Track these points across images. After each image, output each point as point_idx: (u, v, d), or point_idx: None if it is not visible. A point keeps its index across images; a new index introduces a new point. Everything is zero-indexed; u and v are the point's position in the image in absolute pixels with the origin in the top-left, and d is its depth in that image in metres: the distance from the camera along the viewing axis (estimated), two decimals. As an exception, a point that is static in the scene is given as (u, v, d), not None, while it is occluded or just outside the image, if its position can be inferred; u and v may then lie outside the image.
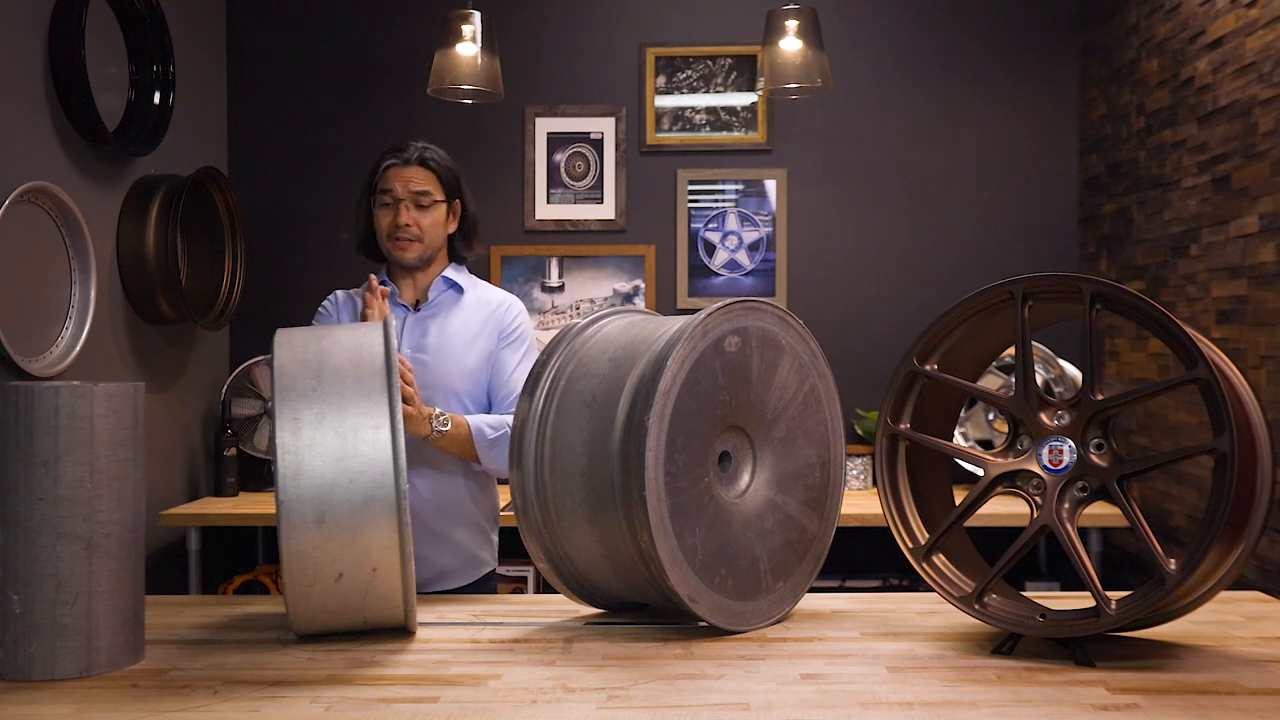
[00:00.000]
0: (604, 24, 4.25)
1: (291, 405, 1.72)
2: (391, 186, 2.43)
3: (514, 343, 2.49)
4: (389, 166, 2.44)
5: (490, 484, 2.56)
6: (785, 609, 1.93)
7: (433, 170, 2.45)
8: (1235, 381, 1.71)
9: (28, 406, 1.58)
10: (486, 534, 2.56)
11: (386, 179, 2.44)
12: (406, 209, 2.42)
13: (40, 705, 1.50)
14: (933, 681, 1.58)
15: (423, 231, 2.44)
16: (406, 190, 2.42)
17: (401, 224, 2.42)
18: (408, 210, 2.42)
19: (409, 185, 2.43)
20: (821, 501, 1.98)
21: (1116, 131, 3.84)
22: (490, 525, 2.57)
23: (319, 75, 4.27)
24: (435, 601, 2.11)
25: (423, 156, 2.45)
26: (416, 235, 2.43)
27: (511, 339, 2.49)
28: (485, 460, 2.37)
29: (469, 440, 2.35)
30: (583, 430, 1.84)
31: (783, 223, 4.21)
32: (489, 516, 2.56)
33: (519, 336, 2.50)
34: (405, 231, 2.42)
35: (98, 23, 3.36)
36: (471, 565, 2.51)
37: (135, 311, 3.59)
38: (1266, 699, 1.50)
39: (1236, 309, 2.98)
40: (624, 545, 1.80)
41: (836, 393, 1.99)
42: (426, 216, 2.44)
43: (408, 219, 2.42)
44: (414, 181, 2.43)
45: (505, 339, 2.48)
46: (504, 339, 2.48)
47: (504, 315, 2.50)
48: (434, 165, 2.46)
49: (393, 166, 2.44)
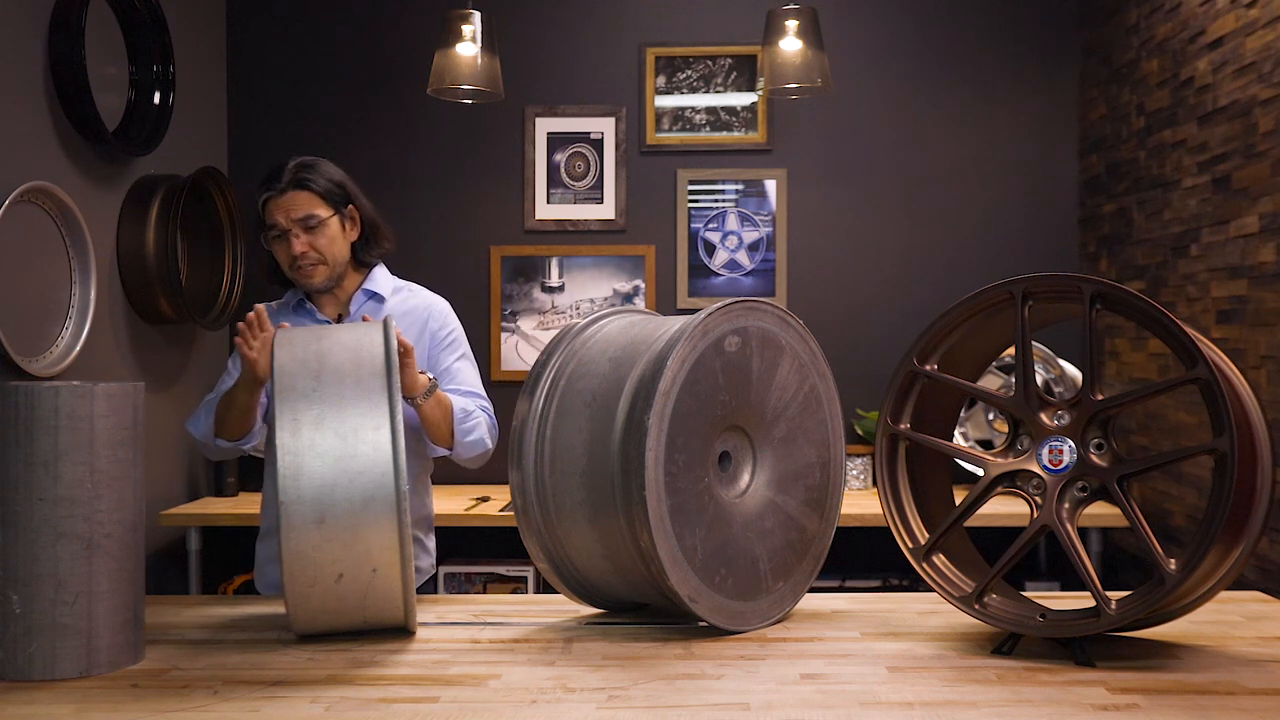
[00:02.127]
0: (604, 24, 4.25)
1: (291, 406, 1.72)
2: (275, 220, 2.36)
3: (450, 345, 2.47)
4: (266, 200, 2.37)
5: (426, 490, 2.54)
6: (785, 609, 1.93)
7: (311, 190, 2.36)
8: (1235, 381, 1.71)
9: (28, 406, 1.58)
10: (423, 543, 2.54)
11: (269, 213, 2.37)
12: (297, 238, 2.35)
13: (40, 705, 1.50)
14: (933, 681, 1.58)
15: (321, 252, 2.37)
16: (289, 219, 2.35)
17: (297, 254, 2.35)
18: (298, 238, 2.35)
19: (290, 214, 2.35)
20: (821, 501, 1.98)
21: (1116, 131, 3.84)
22: (425, 533, 2.54)
23: (319, 75, 4.27)
24: (435, 601, 2.11)
25: (297, 179, 2.36)
26: (317, 259, 2.37)
27: (446, 342, 2.46)
28: (459, 436, 2.35)
29: (450, 411, 2.33)
30: (583, 430, 1.84)
31: (783, 223, 4.21)
32: (424, 525, 2.53)
33: (453, 339, 2.48)
34: (304, 259, 2.36)
35: (98, 23, 3.36)
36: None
37: (135, 311, 3.59)
38: (1266, 699, 1.50)
39: (1236, 309, 2.98)
40: (624, 545, 1.80)
41: (836, 393, 2.00)
42: (321, 237, 2.37)
43: (301, 247, 2.35)
44: (295, 209, 2.35)
45: (438, 345, 2.46)
46: (436, 345, 2.46)
47: (432, 320, 2.47)
48: (311, 185, 2.36)
49: (269, 199, 2.37)
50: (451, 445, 2.36)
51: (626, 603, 2.00)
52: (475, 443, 2.37)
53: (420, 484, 2.49)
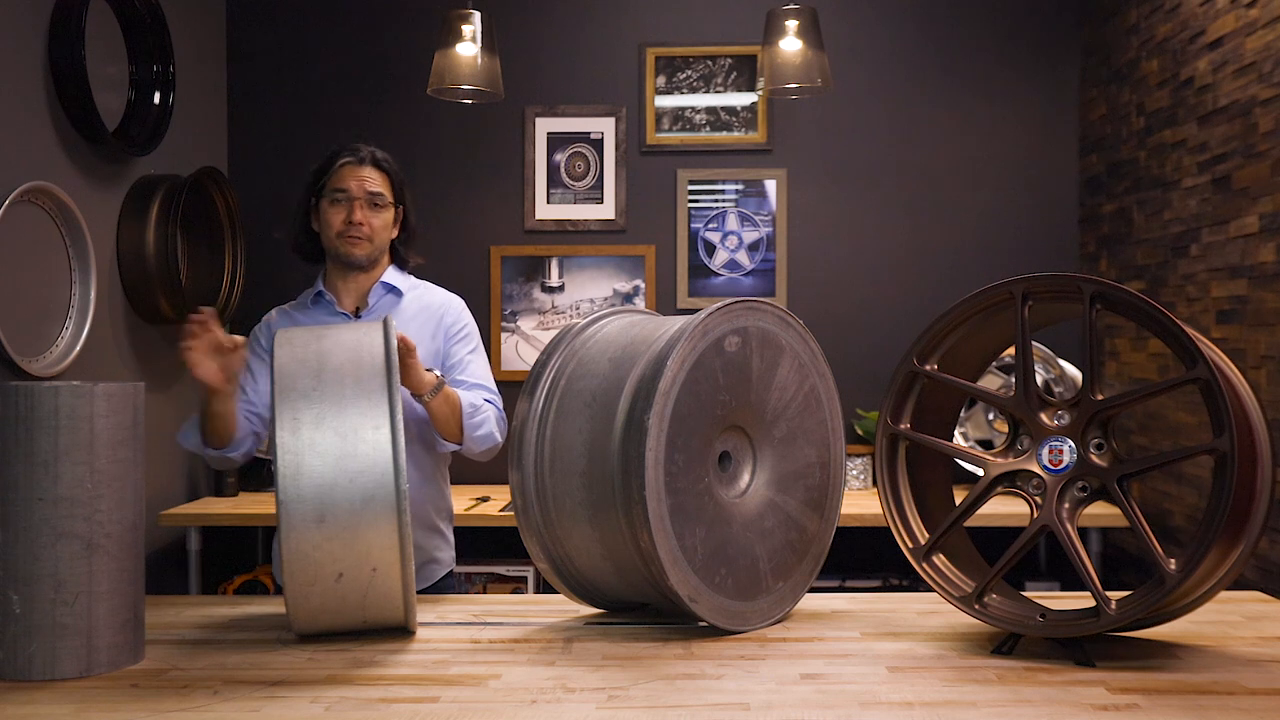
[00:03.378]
0: (604, 24, 4.25)
1: (291, 405, 1.72)
2: (346, 185, 2.41)
3: (463, 339, 2.49)
4: (344, 164, 2.43)
5: (445, 481, 2.55)
6: (785, 609, 1.93)
7: (386, 172, 2.45)
8: (1235, 381, 1.71)
9: (28, 406, 1.58)
10: (444, 534, 2.55)
11: (341, 177, 2.42)
12: (360, 207, 2.41)
13: (40, 705, 1.50)
14: (933, 681, 1.58)
15: (373, 231, 2.42)
16: (362, 189, 2.41)
17: (354, 220, 2.40)
18: (361, 209, 2.41)
19: (364, 185, 2.41)
20: (821, 502, 1.97)
21: (1116, 131, 3.84)
22: (446, 524, 2.56)
23: (319, 75, 4.27)
24: (435, 601, 2.11)
25: (376, 158, 2.45)
26: (367, 235, 2.42)
27: (459, 336, 2.48)
28: (468, 431, 2.35)
29: (459, 408, 2.34)
30: (583, 430, 1.84)
31: (783, 223, 4.21)
32: (444, 515, 2.55)
33: (466, 333, 2.50)
34: (357, 229, 2.41)
35: (98, 23, 3.36)
36: (430, 566, 2.51)
37: (135, 311, 3.59)
38: (1266, 699, 1.50)
39: (1236, 309, 2.98)
40: (624, 545, 1.80)
41: (836, 392, 2.00)
42: (378, 217, 2.43)
43: (360, 217, 2.40)
44: (369, 181, 2.42)
45: (452, 338, 2.48)
46: (451, 338, 2.47)
47: (446, 316, 2.49)
48: (387, 167, 2.46)
49: (348, 165, 2.42)
50: (461, 440, 2.37)
51: (627, 603, 2.00)
52: (484, 437, 2.38)
53: (440, 476, 2.52)
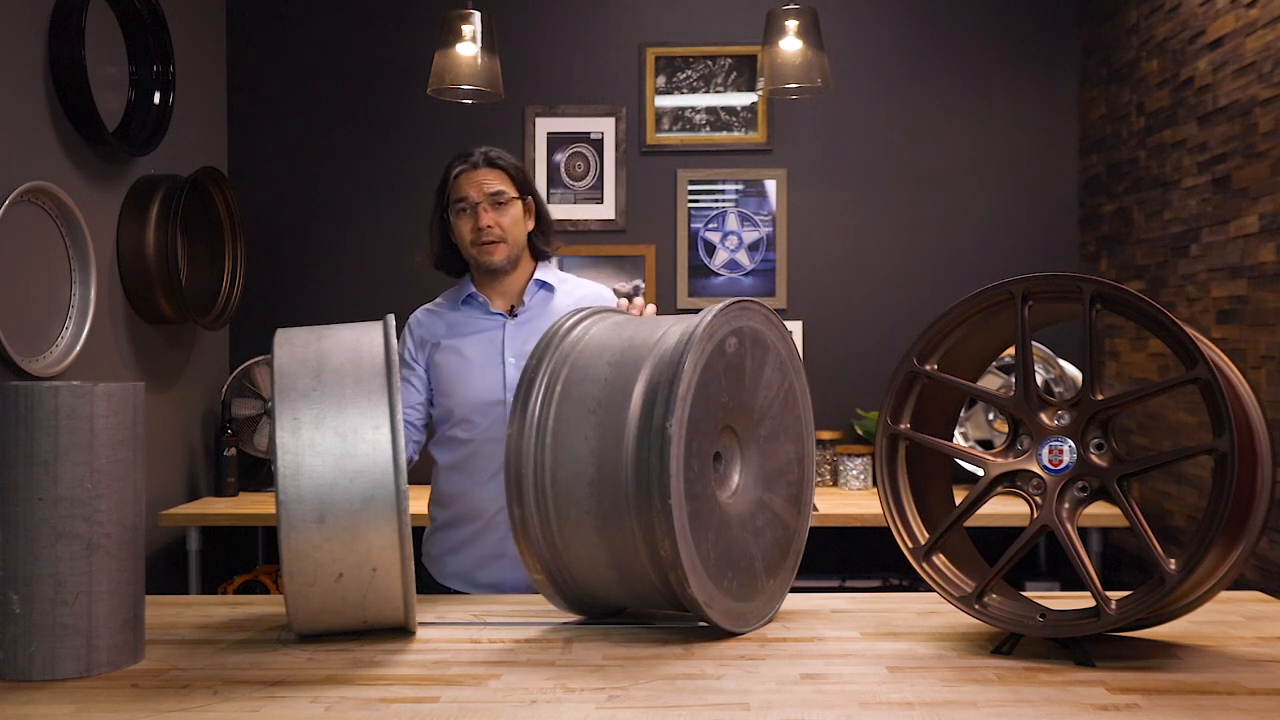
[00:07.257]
0: (604, 24, 4.25)
1: (291, 405, 1.72)
2: (466, 193, 2.42)
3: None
4: (459, 174, 2.44)
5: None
6: (775, 607, 1.93)
7: (502, 169, 2.45)
8: (1235, 381, 1.71)
9: (28, 406, 1.58)
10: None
11: (459, 187, 2.43)
12: (485, 211, 2.41)
13: (40, 705, 1.50)
14: (933, 681, 1.58)
15: (505, 231, 2.42)
16: (481, 193, 2.41)
17: (483, 226, 2.40)
18: (486, 212, 2.41)
19: (483, 187, 2.41)
20: (799, 496, 1.98)
21: (1116, 131, 3.84)
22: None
23: (319, 75, 4.27)
24: (435, 601, 2.11)
25: (489, 157, 2.45)
26: (500, 236, 2.42)
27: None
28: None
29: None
30: (589, 438, 1.79)
31: (783, 223, 4.21)
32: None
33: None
34: (488, 234, 2.41)
35: (98, 23, 3.36)
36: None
37: (135, 311, 3.59)
38: (1266, 699, 1.50)
39: (1236, 309, 2.98)
40: (634, 554, 1.76)
41: (808, 387, 2.01)
42: (505, 215, 2.43)
43: (488, 220, 2.40)
44: (487, 183, 2.42)
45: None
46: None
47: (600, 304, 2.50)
48: (502, 164, 2.45)
49: (463, 173, 2.43)
50: None
51: (612, 609, 1.96)
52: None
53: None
